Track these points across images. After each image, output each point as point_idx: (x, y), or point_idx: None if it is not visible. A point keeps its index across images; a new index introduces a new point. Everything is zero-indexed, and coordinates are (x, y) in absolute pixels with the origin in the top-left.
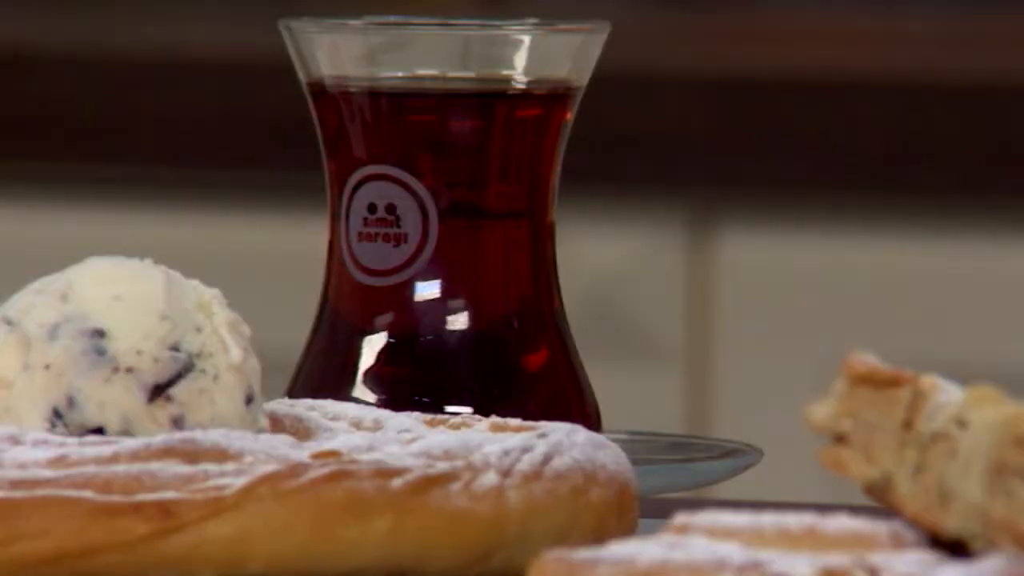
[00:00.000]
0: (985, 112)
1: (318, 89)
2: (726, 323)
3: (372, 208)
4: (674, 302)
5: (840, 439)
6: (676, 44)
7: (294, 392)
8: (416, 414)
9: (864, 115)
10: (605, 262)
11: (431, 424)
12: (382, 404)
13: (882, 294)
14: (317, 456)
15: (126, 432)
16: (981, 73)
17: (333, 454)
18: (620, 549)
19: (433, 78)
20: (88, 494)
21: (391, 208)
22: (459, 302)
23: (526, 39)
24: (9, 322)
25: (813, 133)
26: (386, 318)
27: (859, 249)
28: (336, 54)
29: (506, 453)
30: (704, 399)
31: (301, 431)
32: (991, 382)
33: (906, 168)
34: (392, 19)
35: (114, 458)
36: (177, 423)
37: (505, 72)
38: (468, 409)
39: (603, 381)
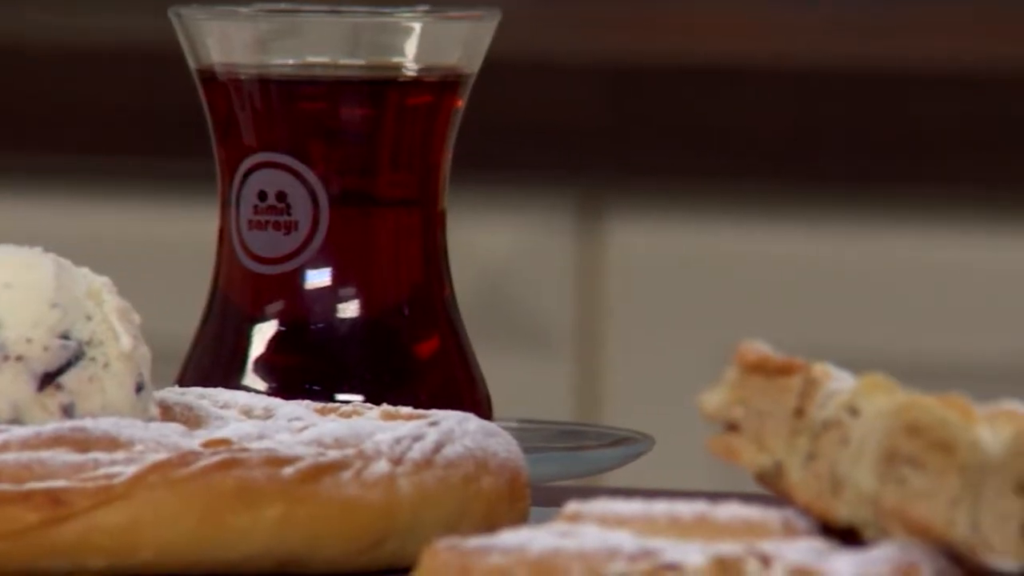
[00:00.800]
0: (876, 100)
1: (208, 76)
2: (616, 310)
3: (262, 196)
4: (564, 289)
5: (732, 427)
6: (566, 32)
7: (184, 380)
8: (307, 402)
9: (754, 103)
10: (495, 250)
11: (322, 412)
12: (273, 392)
13: (773, 282)
14: (208, 444)
15: (16, 420)
16: (871, 61)
17: (224, 442)
18: (512, 537)
19: (323, 65)
20: None
21: (281, 196)
22: (350, 290)
23: (416, 26)
24: None
25: (703, 121)
26: (276, 306)
27: (749, 237)
28: (226, 41)
29: (397, 441)
30: (595, 387)
31: (192, 419)
32: (882, 370)
33: (796, 156)
34: (282, 6)
35: (3, 446)
36: (67, 411)
37: (396, 59)
38: (359, 397)
39: (494, 369)
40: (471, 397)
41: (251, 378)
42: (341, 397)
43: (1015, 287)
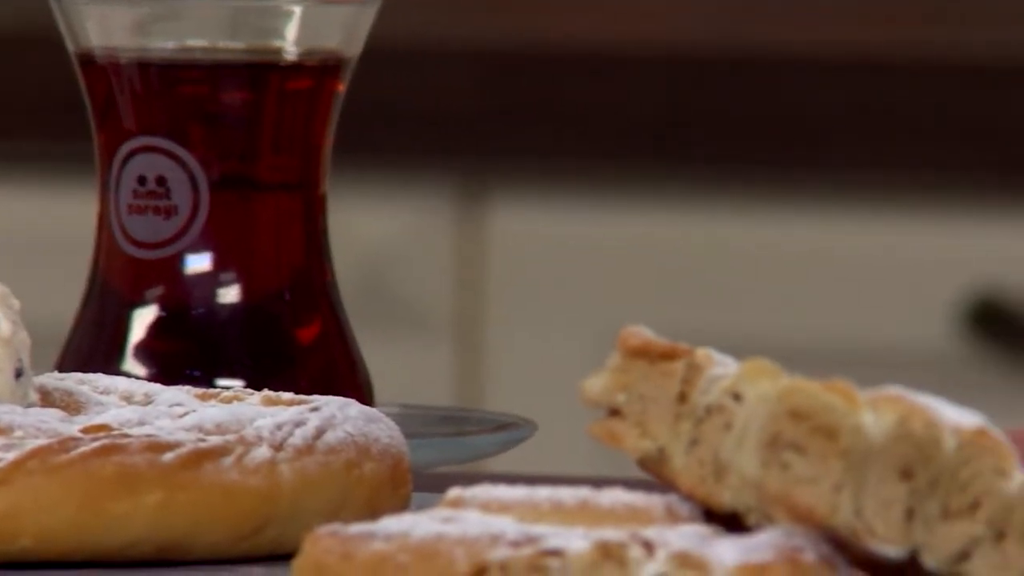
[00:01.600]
0: (750, 84)
1: (87, 60)
2: (498, 295)
3: (142, 180)
4: (445, 274)
5: (614, 412)
6: (446, 17)
7: (64, 366)
8: (187, 388)
9: (633, 86)
10: (376, 234)
11: (203, 398)
12: (153, 378)
13: (656, 267)
14: (87, 430)
15: None
16: (744, 45)
17: (103, 428)
18: (394, 523)
19: (203, 49)
20: None
21: (161, 180)
22: (230, 275)
23: (297, 10)
24: None
25: (582, 105)
26: (156, 291)
27: (631, 221)
28: (105, 24)
29: (278, 427)
30: (477, 372)
31: (71, 405)
32: (766, 355)
33: (674, 139)
34: None
35: None
36: None
37: (276, 43)
38: (240, 382)
39: (375, 354)
40: (352, 382)
41: (131, 364)
42: (222, 383)
43: (898, 273)
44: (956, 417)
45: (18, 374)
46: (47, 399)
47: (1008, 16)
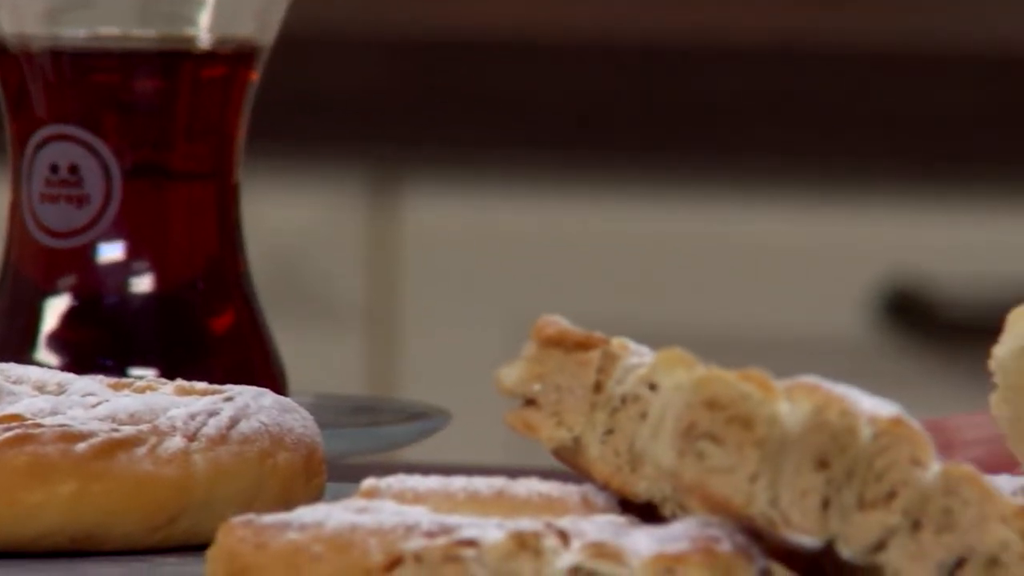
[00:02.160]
0: (664, 71)
1: None
2: (412, 284)
3: (54, 169)
4: (359, 263)
5: (530, 402)
6: (360, 4)
7: None
8: (100, 377)
9: (548, 74)
10: (289, 223)
11: (116, 387)
12: (66, 367)
13: (571, 256)
14: (0, 420)
15: None
16: (657, 33)
17: (16, 418)
18: (308, 514)
19: (115, 37)
20: None
21: (74, 169)
22: (143, 264)
23: None
24: None
25: (497, 93)
26: (69, 280)
27: (546, 210)
28: (16, 12)
29: (192, 417)
30: (391, 361)
31: None
32: (681, 344)
33: (592, 128)
34: None
35: None
36: None
37: (189, 31)
38: (153, 372)
39: (289, 343)
40: (266, 372)
41: (44, 353)
42: (135, 372)
43: (814, 262)
44: (872, 406)
45: None
46: None
47: (920, 3)
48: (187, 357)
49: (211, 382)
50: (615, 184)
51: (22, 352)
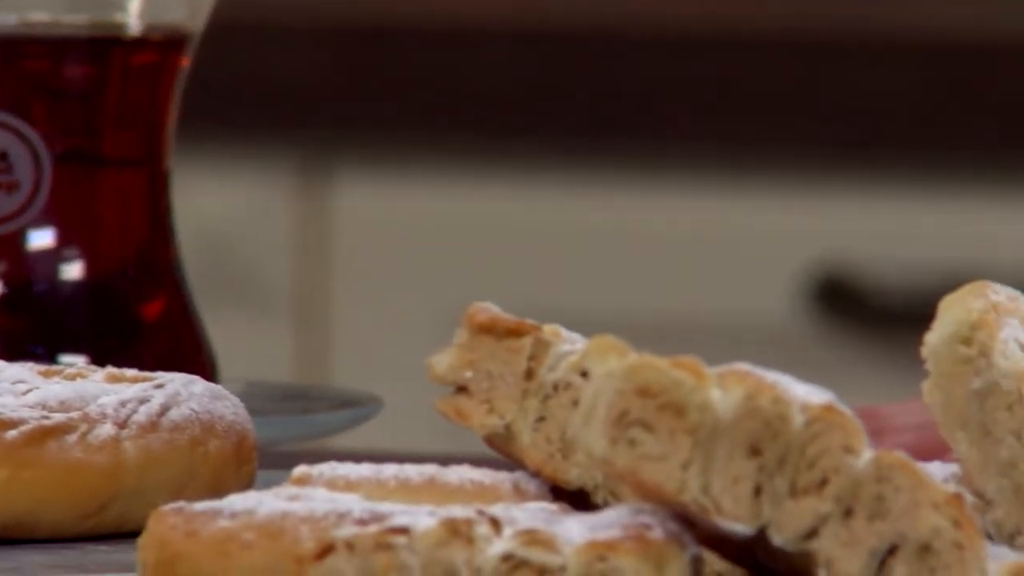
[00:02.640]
0: (595, 56)
1: None
2: (343, 271)
3: None
4: (290, 250)
5: (461, 389)
6: None
7: None
8: (30, 364)
9: (479, 61)
10: (219, 210)
11: (46, 374)
12: None
13: (503, 242)
14: None
15: None
16: (588, 17)
17: None
18: (239, 501)
19: (45, 24)
20: None
21: (3, 155)
22: (74, 251)
23: None
24: None
25: (428, 80)
26: None
27: (478, 197)
28: None
29: (123, 404)
30: (322, 348)
31: None
32: (613, 331)
33: (523, 113)
34: None
35: None
36: None
37: (119, 18)
38: (83, 359)
39: (219, 331)
40: (197, 359)
41: None
42: (65, 359)
43: (745, 248)
44: (805, 393)
45: None
46: None
47: None
48: (118, 344)
49: (142, 369)
50: (546, 171)
51: None
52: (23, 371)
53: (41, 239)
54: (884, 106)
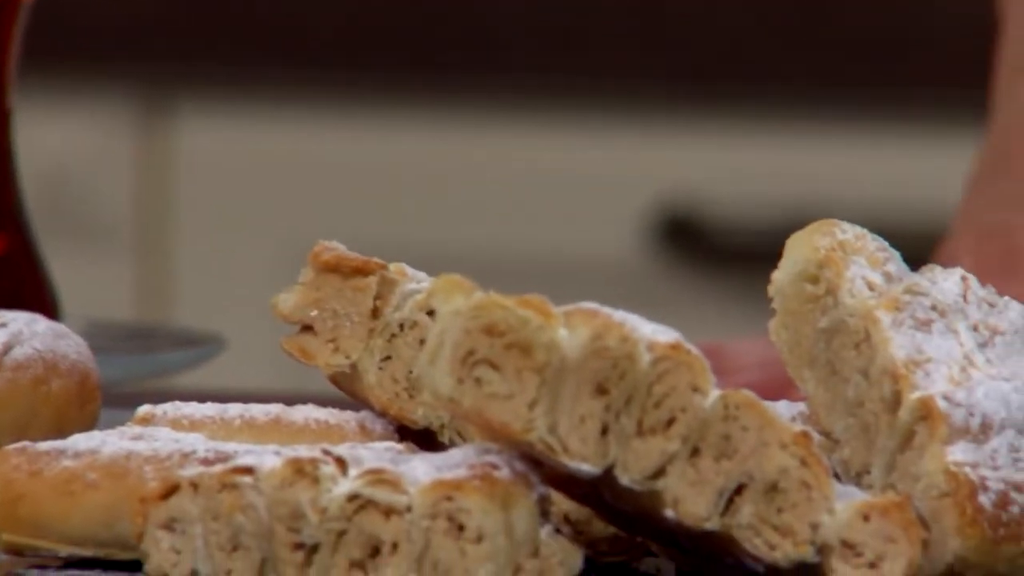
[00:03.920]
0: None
1: None
2: (185, 208)
3: None
4: (131, 186)
5: (307, 328)
6: None
7: None
8: None
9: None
10: (59, 147)
11: None
12: None
13: (348, 180)
14: None
15: None
16: None
17: None
18: (83, 441)
19: None
20: None
21: None
22: None
23: None
24: None
25: (271, 15)
26: None
27: (322, 133)
28: None
29: None
30: (165, 287)
31: None
32: (460, 270)
33: (366, 49)
34: None
35: None
36: None
37: None
38: None
39: (61, 268)
40: (40, 298)
41: None
42: None
43: (590, 186)
44: (651, 332)
45: None
46: None
47: None
48: None
49: None
50: (390, 107)
51: None
52: None
53: None
54: (728, 44)
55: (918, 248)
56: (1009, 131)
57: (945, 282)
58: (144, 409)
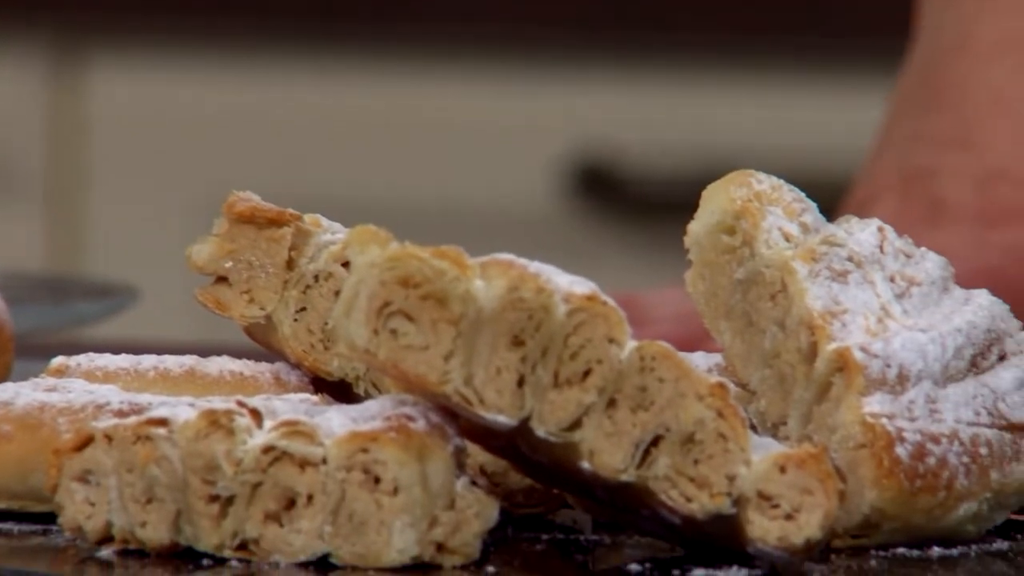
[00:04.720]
0: None
1: None
2: (98, 158)
3: None
4: (42, 137)
5: (221, 279)
6: None
7: None
8: None
9: None
10: None
11: None
12: None
13: (262, 131)
14: None
15: None
16: None
17: None
18: None
19: None
20: None
21: None
22: None
23: None
24: None
25: None
26: None
27: (237, 84)
28: None
29: None
30: (77, 237)
31: None
32: (374, 220)
33: None
34: None
35: None
36: None
37: None
38: None
39: None
40: None
41: None
42: None
43: (505, 135)
44: (568, 284)
45: None
46: None
47: None
48: None
49: None
50: (305, 57)
51: None
52: None
53: None
54: None
55: (833, 198)
56: (936, 61)
57: (862, 232)
58: (58, 360)
